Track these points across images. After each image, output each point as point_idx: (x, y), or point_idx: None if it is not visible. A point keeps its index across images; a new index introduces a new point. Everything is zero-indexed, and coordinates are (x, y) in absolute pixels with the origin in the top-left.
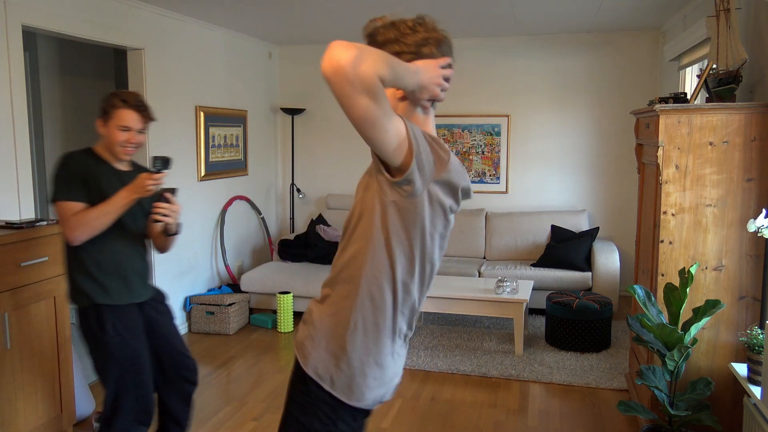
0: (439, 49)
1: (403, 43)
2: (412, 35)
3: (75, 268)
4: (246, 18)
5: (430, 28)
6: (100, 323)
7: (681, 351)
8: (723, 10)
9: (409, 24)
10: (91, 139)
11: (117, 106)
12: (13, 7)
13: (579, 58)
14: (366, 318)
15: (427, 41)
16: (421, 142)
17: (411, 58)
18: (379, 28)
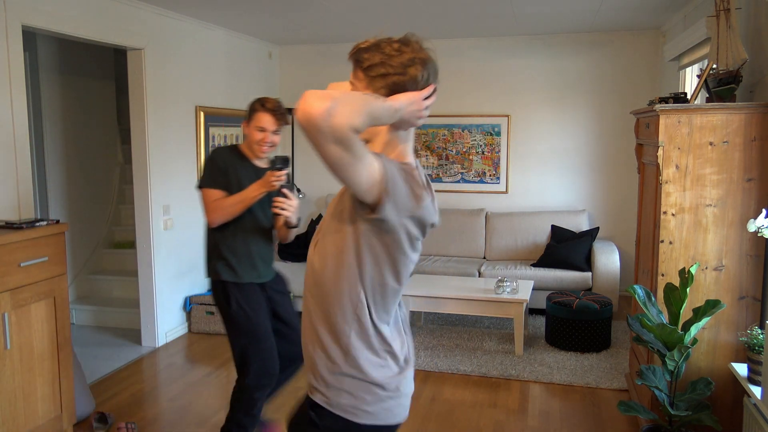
0: (425, 69)
1: (389, 65)
2: (397, 57)
3: (211, 247)
4: (246, 18)
5: (416, 48)
6: (225, 297)
7: (681, 351)
8: (723, 10)
9: (394, 46)
10: (90, 139)
11: (257, 110)
12: (13, 7)
13: (579, 58)
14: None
15: (413, 61)
16: (396, 179)
17: (398, 79)
18: (364, 51)
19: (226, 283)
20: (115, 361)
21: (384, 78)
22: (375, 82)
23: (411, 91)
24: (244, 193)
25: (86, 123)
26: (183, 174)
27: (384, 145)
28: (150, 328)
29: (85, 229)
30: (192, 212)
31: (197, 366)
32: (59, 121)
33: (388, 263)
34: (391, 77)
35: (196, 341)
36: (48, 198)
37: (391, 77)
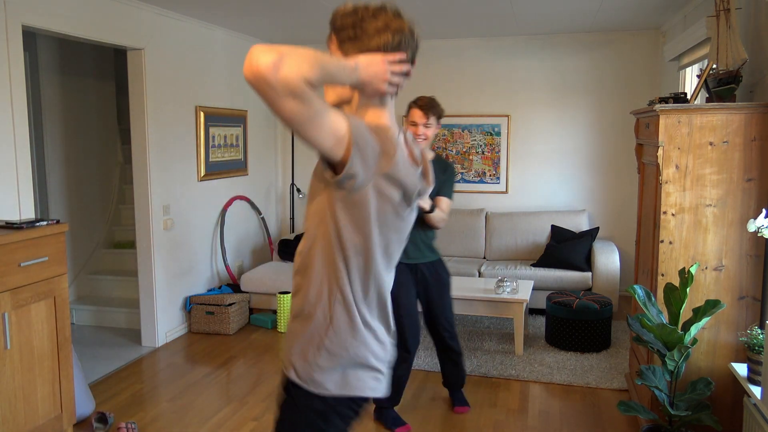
0: (396, 35)
1: (360, 28)
2: (371, 21)
3: None
4: (246, 18)
5: (391, 16)
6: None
7: (681, 351)
8: (723, 10)
9: (369, 11)
10: (90, 139)
11: (410, 107)
12: (13, 7)
13: (579, 58)
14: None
15: (386, 27)
16: (363, 134)
17: (369, 42)
18: (339, 14)
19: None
20: (115, 361)
21: (354, 41)
22: (345, 45)
23: None
24: None
25: (86, 123)
26: (183, 174)
27: (355, 111)
28: (150, 328)
29: (85, 229)
30: (192, 212)
31: (197, 366)
32: (59, 121)
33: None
34: (362, 41)
35: (196, 341)
36: (48, 198)
37: (361, 41)
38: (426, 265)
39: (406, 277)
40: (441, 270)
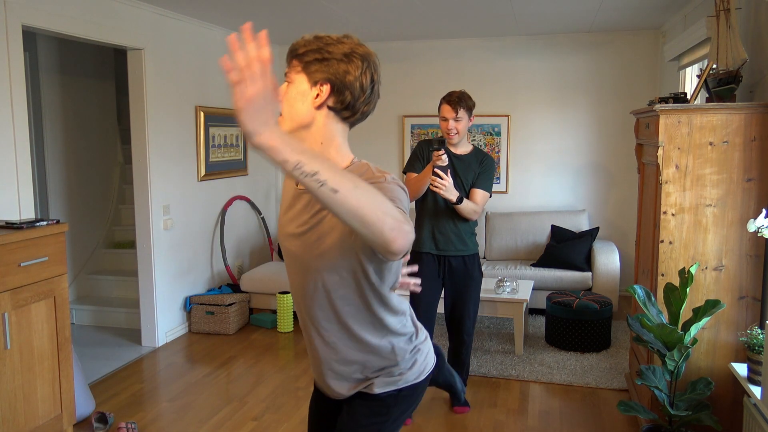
0: (363, 62)
1: (326, 52)
2: (337, 45)
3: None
4: (246, 18)
5: (356, 42)
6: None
7: (681, 351)
8: (723, 10)
9: (333, 37)
10: (90, 139)
11: (440, 103)
12: (13, 7)
13: (579, 58)
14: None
15: (353, 52)
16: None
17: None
18: (302, 42)
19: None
20: (115, 361)
21: (321, 63)
22: (312, 67)
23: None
24: (421, 173)
25: (86, 123)
26: (183, 174)
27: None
28: (150, 328)
29: (85, 229)
30: (192, 212)
31: (197, 366)
32: (59, 121)
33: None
34: (329, 63)
35: (196, 341)
36: (48, 198)
37: (329, 63)
38: (456, 258)
39: (431, 269)
40: (472, 265)
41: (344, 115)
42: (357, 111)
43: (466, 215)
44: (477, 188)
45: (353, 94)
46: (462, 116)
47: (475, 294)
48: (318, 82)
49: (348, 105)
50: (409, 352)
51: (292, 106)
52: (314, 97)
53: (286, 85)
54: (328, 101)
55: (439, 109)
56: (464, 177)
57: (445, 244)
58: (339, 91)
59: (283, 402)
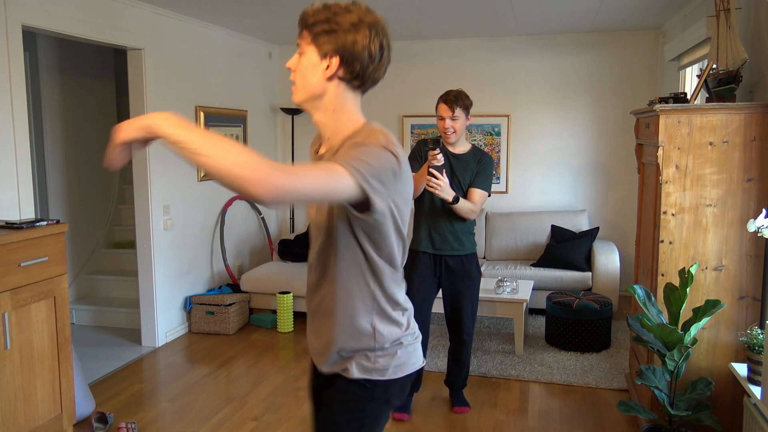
0: (371, 31)
1: (335, 22)
2: (345, 15)
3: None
4: (246, 18)
5: (364, 10)
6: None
7: (681, 351)
8: (723, 10)
9: (341, 5)
10: (90, 139)
11: (437, 102)
12: (13, 7)
13: (579, 58)
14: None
15: (361, 21)
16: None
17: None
18: (310, 11)
19: (409, 250)
20: (115, 361)
21: (330, 34)
22: (320, 39)
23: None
24: (419, 172)
25: (86, 123)
26: (183, 174)
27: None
28: (150, 328)
29: (85, 229)
30: (192, 212)
31: (197, 366)
32: (59, 121)
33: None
34: (337, 34)
35: (196, 341)
36: (48, 198)
37: (336, 34)
38: (452, 258)
39: (426, 268)
40: (469, 264)
41: (355, 84)
42: (367, 79)
43: (464, 215)
44: (475, 188)
45: (362, 63)
46: (459, 115)
47: (473, 293)
48: (327, 54)
49: (358, 74)
50: (391, 341)
51: (305, 78)
52: (324, 68)
53: (298, 56)
54: (338, 72)
55: (436, 108)
56: (462, 176)
57: (441, 243)
58: (348, 62)
59: (283, 402)
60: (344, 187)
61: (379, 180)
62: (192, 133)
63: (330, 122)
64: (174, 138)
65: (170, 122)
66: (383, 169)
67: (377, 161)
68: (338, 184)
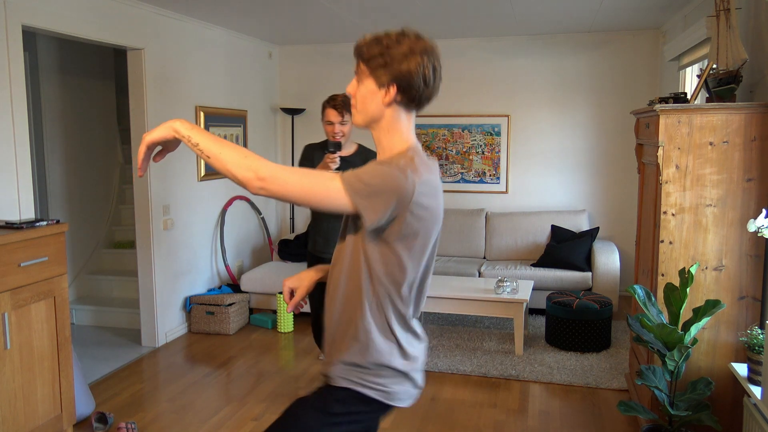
0: (424, 56)
1: (388, 56)
2: (396, 47)
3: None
4: (246, 18)
5: (414, 38)
6: (308, 264)
7: (681, 351)
8: (723, 10)
9: (392, 37)
10: (90, 139)
11: (324, 107)
12: (13, 7)
13: (579, 58)
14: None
15: (412, 51)
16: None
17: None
18: (364, 45)
19: (307, 252)
20: (115, 361)
21: (385, 68)
22: (377, 73)
23: (414, 81)
24: None
25: (86, 123)
26: (183, 174)
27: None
28: (150, 328)
29: (85, 229)
30: (192, 212)
31: (197, 366)
32: (59, 121)
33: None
34: (392, 66)
35: (196, 341)
36: (48, 198)
37: (391, 66)
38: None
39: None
40: None
41: (411, 106)
42: (423, 100)
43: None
44: None
45: (418, 88)
46: (347, 120)
47: None
48: (385, 84)
49: (414, 98)
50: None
51: (365, 104)
52: (383, 96)
53: (356, 81)
54: (396, 98)
55: (323, 113)
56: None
57: (327, 246)
58: (405, 89)
59: (283, 402)
60: (335, 198)
61: (376, 197)
62: (203, 136)
63: (384, 140)
64: (190, 140)
65: (185, 125)
66: (385, 187)
67: (380, 180)
68: (327, 193)
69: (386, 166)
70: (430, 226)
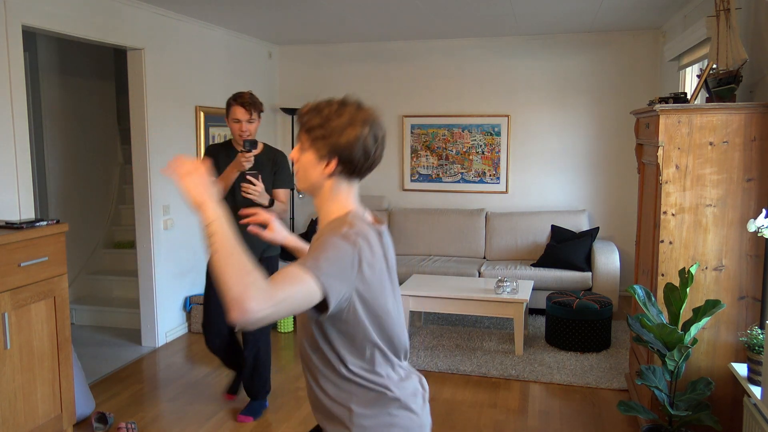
0: (364, 127)
1: (328, 127)
2: (336, 119)
3: None
4: (246, 18)
5: (354, 108)
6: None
7: (681, 351)
8: (723, 10)
9: (333, 108)
10: (90, 139)
11: (231, 105)
12: (13, 7)
13: (579, 58)
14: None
15: (352, 122)
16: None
17: (337, 140)
18: (305, 115)
19: None
20: (115, 361)
21: (325, 140)
22: (317, 144)
23: (355, 153)
24: (221, 176)
25: (86, 123)
26: None
27: (329, 195)
28: (150, 328)
29: (85, 229)
30: (192, 212)
31: (197, 366)
32: (59, 121)
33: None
34: (332, 138)
35: (196, 341)
36: (48, 198)
37: (332, 138)
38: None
39: None
40: (272, 265)
41: (353, 177)
42: (364, 170)
43: (279, 214)
44: (279, 188)
45: (359, 161)
46: (255, 118)
47: None
48: (325, 157)
49: (355, 169)
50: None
51: (306, 172)
52: (323, 168)
53: (299, 148)
54: (336, 170)
55: (229, 110)
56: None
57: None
58: (346, 162)
59: (283, 402)
60: (312, 294)
61: (336, 276)
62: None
63: (324, 207)
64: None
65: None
66: (340, 262)
67: (334, 256)
68: (308, 295)
69: (332, 239)
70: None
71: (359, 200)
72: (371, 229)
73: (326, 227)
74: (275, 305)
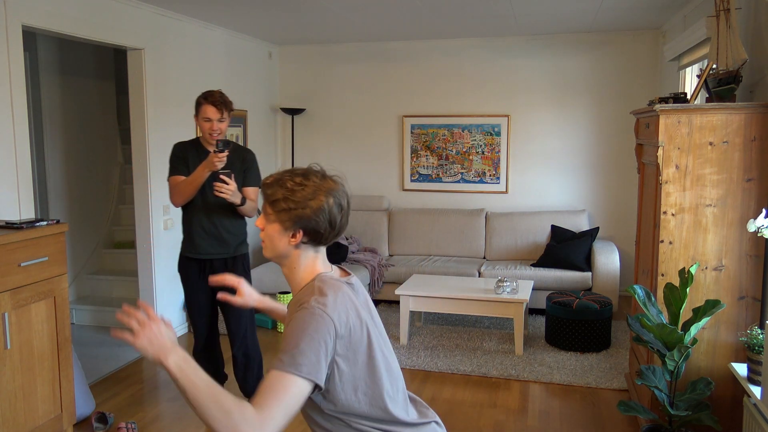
0: (328, 198)
1: (291, 200)
2: (300, 191)
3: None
4: (246, 18)
5: (318, 179)
6: (178, 268)
7: (681, 351)
8: (723, 10)
9: (296, 180)
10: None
11: (201, 103)
12: (13, 7)
13: (579, 58)
14: None
15: (315, 194)
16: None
17: (301, 212)
18: (267, 187)
19: (180, 256)
20: (115, 361)
21: (288, 212)
22: (281, 216)
23: (320, 224)
24: (192, 175)
25: (86, 123)
26: None
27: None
28: None
29: (85, 229)
30: None
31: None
32: (59, 121)
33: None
34: (297, 211)
35: None
36: (48, 198)
37: (296, 211)
38: (220, 262)
39: (194, 273)
40: (239, 268)
41: (319, 245)
42: (330, 239)
43: (247, 214)
44: (248, 186)
45: (324, 229)
46: (225, 117)
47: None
48: (290, 228)
49: (321, 239)
50: None
51: (272, 242)
52: (289, 238)
53: (264, 218)
54: (302, 240)
55: (199, 109)
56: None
57: (209, 247)
58: (311, 233)
59: None
60: (302, 390)
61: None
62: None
63: (292, 276)
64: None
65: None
66: (316, 343)
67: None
68: (298, 394)
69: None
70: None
71: (325, 258)
72: (342, 284)
73: (296, 299)
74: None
